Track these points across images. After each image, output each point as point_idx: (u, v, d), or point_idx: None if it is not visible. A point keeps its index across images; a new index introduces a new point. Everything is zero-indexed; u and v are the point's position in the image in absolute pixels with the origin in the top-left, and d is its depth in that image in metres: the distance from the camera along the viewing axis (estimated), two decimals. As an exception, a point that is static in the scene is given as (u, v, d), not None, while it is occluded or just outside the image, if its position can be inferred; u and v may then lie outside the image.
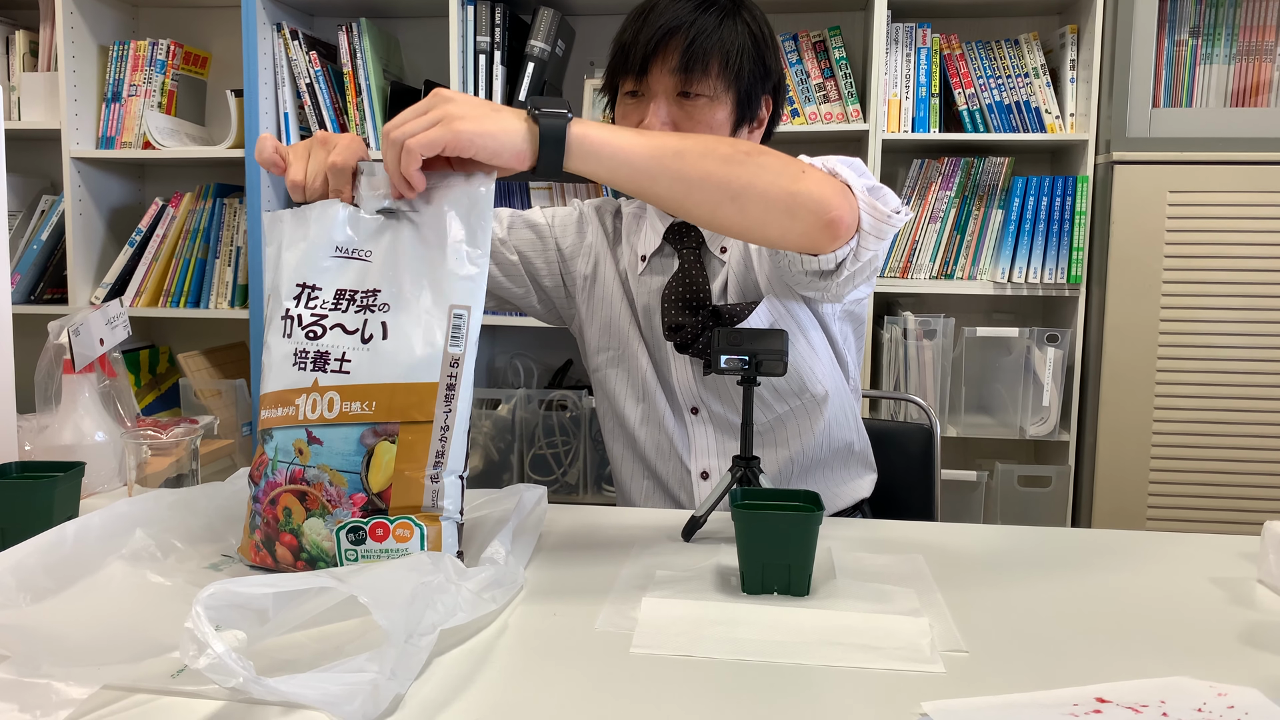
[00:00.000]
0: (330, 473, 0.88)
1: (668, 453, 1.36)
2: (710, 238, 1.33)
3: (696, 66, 1.20)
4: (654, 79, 1.23)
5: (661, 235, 1.34)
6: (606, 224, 1.43)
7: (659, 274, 1.35)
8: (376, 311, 0.90)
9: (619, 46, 1.26)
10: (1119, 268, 2.18)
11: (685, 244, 1.33)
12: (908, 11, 2.37)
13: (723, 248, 1.33)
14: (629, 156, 0.96)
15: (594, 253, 1.41)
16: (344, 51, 2.41)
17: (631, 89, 1.25)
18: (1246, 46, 2.26)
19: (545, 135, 0.91)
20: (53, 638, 0.74)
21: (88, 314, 1.31)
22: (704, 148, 1.00)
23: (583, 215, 1.44)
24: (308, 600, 0.74)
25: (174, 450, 1.17)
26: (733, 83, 1.23)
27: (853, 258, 1.10)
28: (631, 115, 1.26)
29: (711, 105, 1.23)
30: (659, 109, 1.22)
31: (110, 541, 0.91)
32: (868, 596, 0.91)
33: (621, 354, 1.38)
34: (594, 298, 1.41)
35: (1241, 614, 0.89)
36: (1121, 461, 2.21)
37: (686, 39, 1.20)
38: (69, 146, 2.50)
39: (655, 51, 1.21)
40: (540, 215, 1.44)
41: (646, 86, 1.23)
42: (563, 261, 1.43)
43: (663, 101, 1.23)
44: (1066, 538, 1.12)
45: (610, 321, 1.39)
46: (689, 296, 1.31)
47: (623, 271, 1.40)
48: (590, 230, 1.43)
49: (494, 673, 0.75)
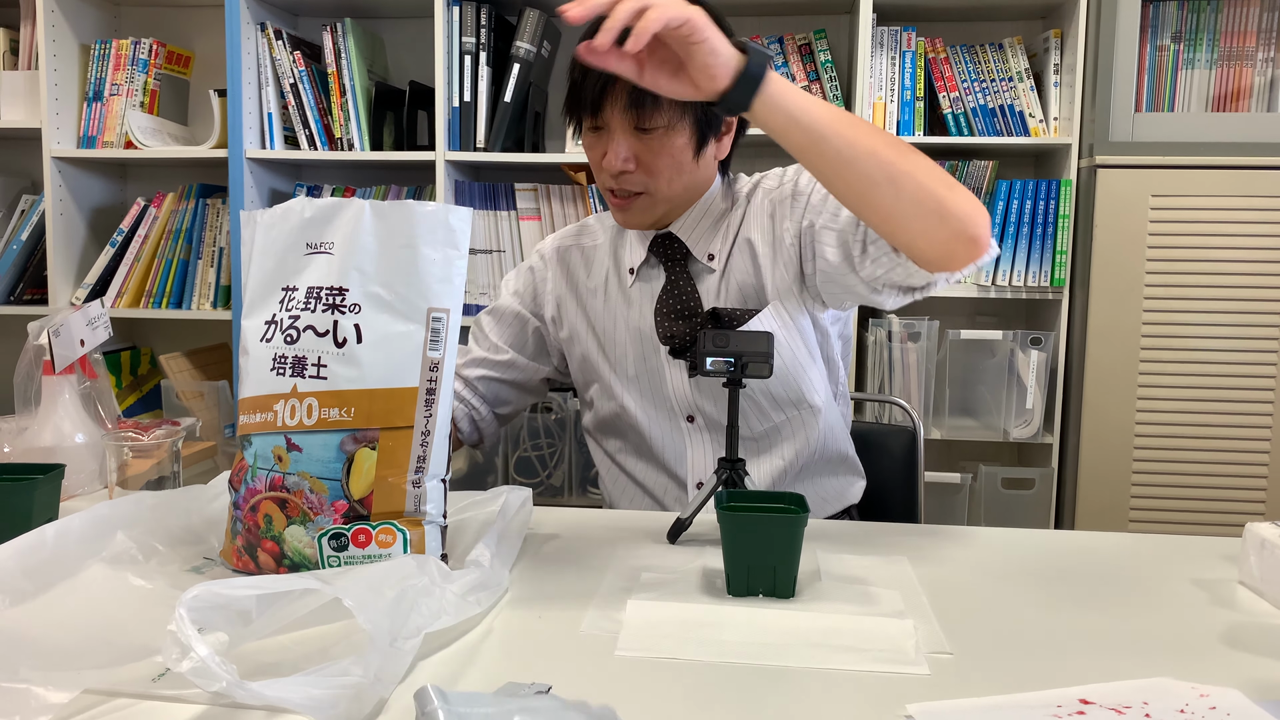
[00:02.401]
0: (310, 480, 0.87)
1: (659, 468, 1.36)
2: (695, 246, 1.32)
3: (646, 102, 1.20)
4: (608, 115, 1.23)
5: (646, 247, 1.34)
6: (569, 260, 1.43)
7: (647, 283, 1.35)
8: (347, 313, 0.89)
9: (570, 85, 1.26)
10: (1102, 271, 2.19)
11: (671, 256, 1.33)
12: (893, 15, 2.38)
13: (710, 255, 1.32)
14: (809, 116, 1.01)
15: (554, 295, 1.42)
16: (328, 51, 2.40)
17: (591, 124, 1.26)
18: (1228, 52, 2.28)
19: (750, 68, 0.97)
20: (32, 641, 0.74)
21: (68, 315, 1.29)
22: (875, 129, 1.06)
23: (542, 260, 1.44)
24: (292, 602, 0.73)
25: (155, 452, 1.16)
26: (688, 108, 1.22)
27: (946, 278, 1.12)
28: (595, 148, 1.26)
29: (669, 134, 1.23)
30: (619, 147, 1.23)
31: (91, 544, 0.90)
32: (852, 599, 0.91)
33: (602, 388, 1.38)
34: (562, 338, 1.42)
35: (1223, 615, 0.89)
36: (1104, 464, 2.22)
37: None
38: (50, 146, 2.48)
39: (604, 92, 1.21)
40: (505, 290, 1.45)
41: (604, 121, 1.24)
42: (538, 314, 1.43)
43: (620, 138, 1.23)
44: (1050, 540, 1.13)
45: (584, 359, 1.40)
46: (679, 307, 1.31)
47: (591, 306, 1.39)
48: (550, 275, 1.43)
49: (479, 676, 0.74)
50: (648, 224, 1.31)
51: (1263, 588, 0.94)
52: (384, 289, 0.89)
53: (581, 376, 1.42)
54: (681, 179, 1.27)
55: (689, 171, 1.27)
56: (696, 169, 1.28)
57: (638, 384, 1.35)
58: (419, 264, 0.89)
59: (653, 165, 1.24)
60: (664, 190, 1.26)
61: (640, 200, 1.27)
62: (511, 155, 2.37)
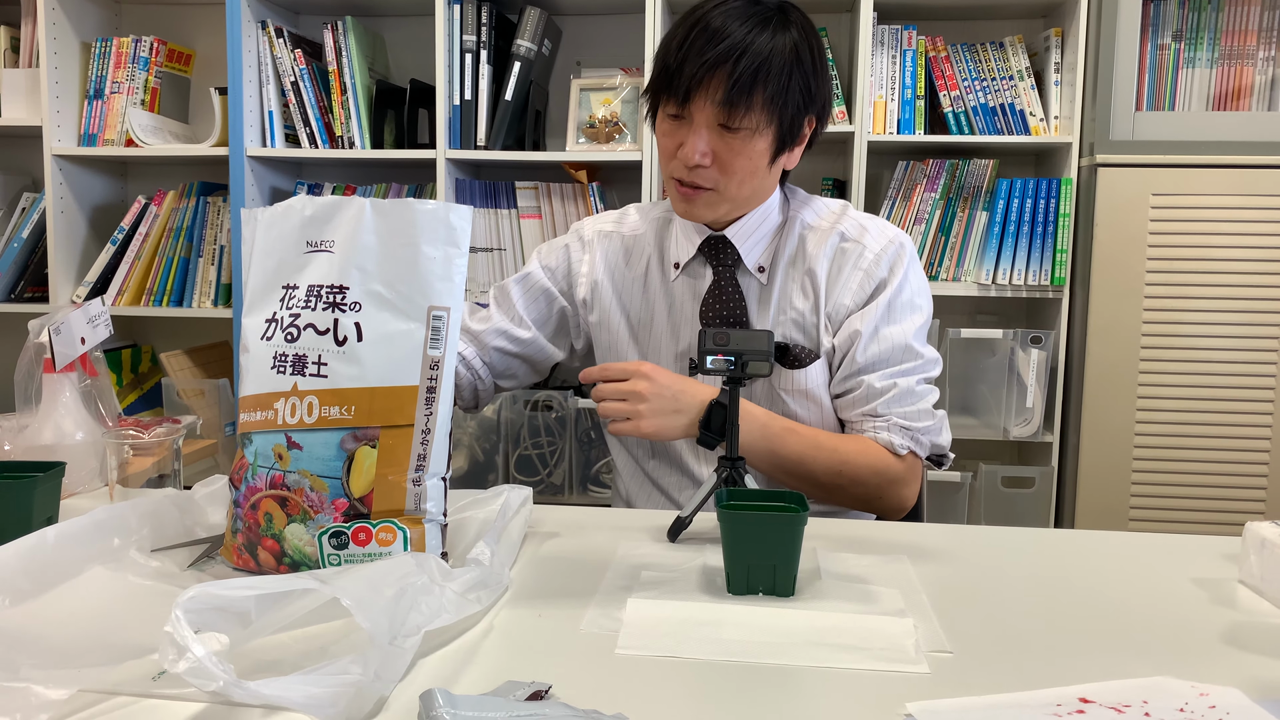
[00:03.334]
0: (311, 478, 0.87)
1: (681, 467, 1.36)
2: (748, 254, 1.32)
3: (740, 102, 1.18)
4: (695, 108, 1.21)
5: (696, 246, 1.33)
6: (611, 242, 1.41)
7: (692, 279, 1.34)
8: (347, 311, 0.89)
9: (663, 66, 1.22)
10: (1102, 270, 2.19)
11: (721, 260, 1.32)
12: (893, 14, 2.38)
13: (760, 267, 1.32)
14: (754, 460, 1.22)
15: (590, 278, 1.40)
16: (329, 50, 2.40)
17: (674, 112, 1.23)
18: (1228, 50, 2.28)
19: (701, 440, 1.13)
20: (32, 640, 0.74)
21: (69, 312, 1.29)
22: (810, 471, 1.23)
23: (581, 241, 1.42)
24: (290, 602, 0.73)
25: (156, 450, 1.16)
26: (776, 114, 1.21)
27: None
28: (672, 137, 1.24)
29: (752, 137, 1.21)
30: (698, 140, 1.21)
31: (92, 545, 0.90)
32: (852, 597, 0.91)
33: None
34: (591, 322, 1.40)
35: (1223, 614, 0.89)
36: (1104, 462, 2.22)
37: (733, 73, 1.17)
38: (50, 144, 2.48)
39: (699, 83, 1.19)
40: (535, 262, 1.43)
41: (688, 113, 1.21)
42: (568, 293, 1.42)
43: (704, 132, 1.21)
44: (1050, 538, 1.13)
45: (611, 347, 1.39)
46: (725, 314, 1.31)
47: (628, 289, 1.38)
48: (588, 259, 1.41)
49: (479, 674, 0.74)
50: (708, 219, 1.30)
51: (1263, 587, 0.94)
52: (384, 287, 0.89)
53: (606, 360, 1.40)
54: (753, 182, 1.26)
55: (761, 176, 1.26)
56: (767, 175, 1.27)
57: None
58: (419, 262, 0.89)
59: (730, 164, 1.23)
60: (734, 191, 1.25)
61: (707, 195, 1.25)
62: (512, 154, 2.37)
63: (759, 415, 1.22)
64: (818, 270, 1.30)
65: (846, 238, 1.31)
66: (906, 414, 1.27)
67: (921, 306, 1.31)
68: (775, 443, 1.21)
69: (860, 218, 1.34)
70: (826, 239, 1.31)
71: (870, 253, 1.30)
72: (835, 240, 1.31)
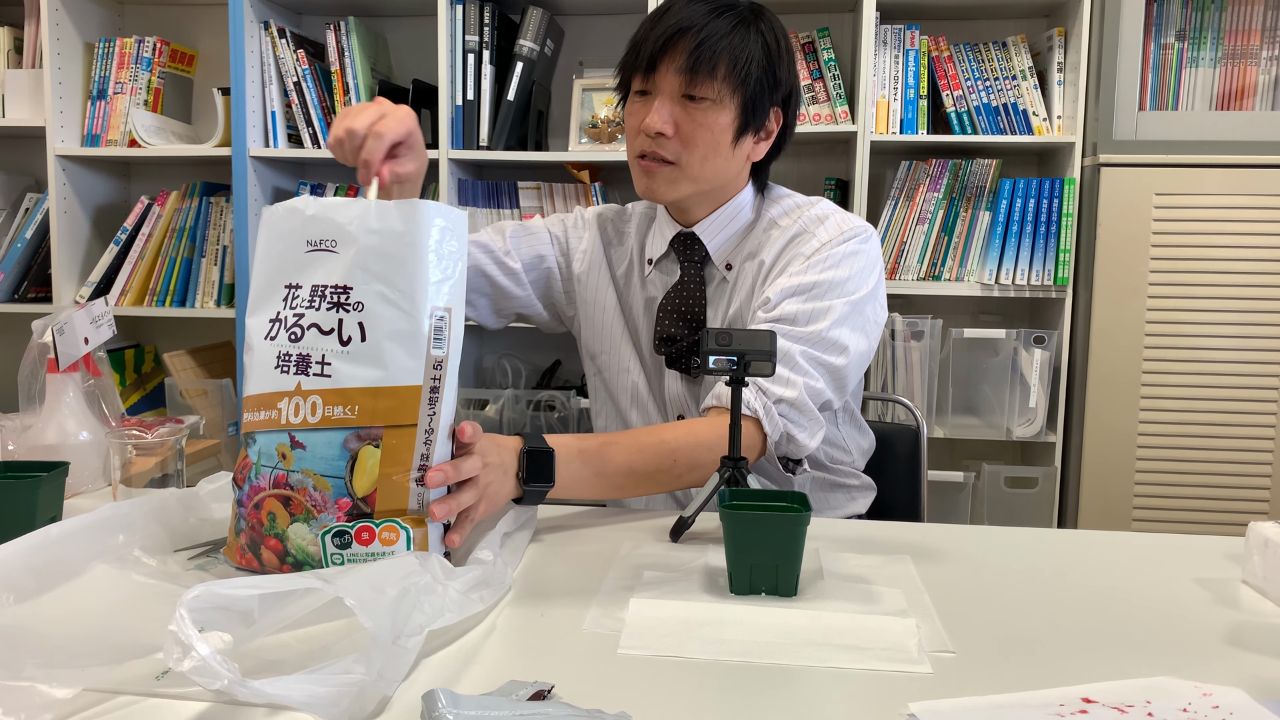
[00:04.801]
0: (314, 477, 0.87)
1: None
2: (716, 252, 1.32)
3: (702, 68, 1.20)
4: (661, 77, 1.22)
5: (669, 241, 1.34)
6: (607, 230, 1.43)
7: (663, 275, 1.36)
8: (351, 311, 0.89)
9: (631, 44, 1.26)
10: (1105, 269, 2.19)
11: (689, 257, 1.33)
12: (896, 13, 2.38)
13: (728, 264, 1.32)
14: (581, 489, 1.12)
15: (588, 256, 1.42)
16: (332, 50, 2.41)
17: (641, 88, 1.25)
18: (1232, 50, 2.28)
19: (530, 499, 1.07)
20: (36, 639, 0.74)
21: (72, 313, 1.30)
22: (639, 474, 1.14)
23: (582, 220, 1.45)
24: (293, 601, 0.73)
25: (159, 450, 1.17)
26: (739, 88, 1.22)
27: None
28: (637, 114, 1.25)
29: (715, 109, 1.22)
30: (661, 108, 1.22)
31: (95, 543, 0.90)
32: (855, 597, 0.91)
33: (617, 360, 1.39)
34: (586, 299, 1.41)
35: (1226, 614, 0.89)
36: (1107, 462, 2.22)
37: (695, 40, 1.20)
38: (54, 144, 2.48)
39: (664, 50, 1.21)
40: (540, 221, 1.45)
41: (654, 84, 1.23)
42: (564, 262, 1.43)
43: (666, 101, 1.23)
44: (1052, 538, 1.13)
45: (602, 327, 1.40)
46: (684, 309, 1.31)
47: (619, 278, 1.40)
48: (588, 236, 1.43)
49: (481, 674, 0.74)
50: (669, 198, 1.28)
51: (1266, 587, 0.94)
52: (387, 287, 0.89)
53: (595, 343, 1.42)
54: (715, 161, 1.25)
55: (723, 156, 1.25)
56: (731, 157, 1.26)
57: (644, 370, 1.38)
58: (422, 263, 0.89)
59: (692, 136, 1.23)
60: (695, 166, 1.25)
61: (668, 170, 1.25)
62: (514, 154, 2.37)
63: (570, 443, 1.10)
64: (765, 260, 1.30)
65: (803, 230, 1.29)
66: (774, 379, 1.18)
67: (853, 291, 1.24)
68: (596, 463, 1.11)
69: (824, 211, 1.31)
70: (783, 234, 1.30)
71: (818, 240, 1.27)
72: (792, 232, 1.30)
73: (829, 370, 1.22)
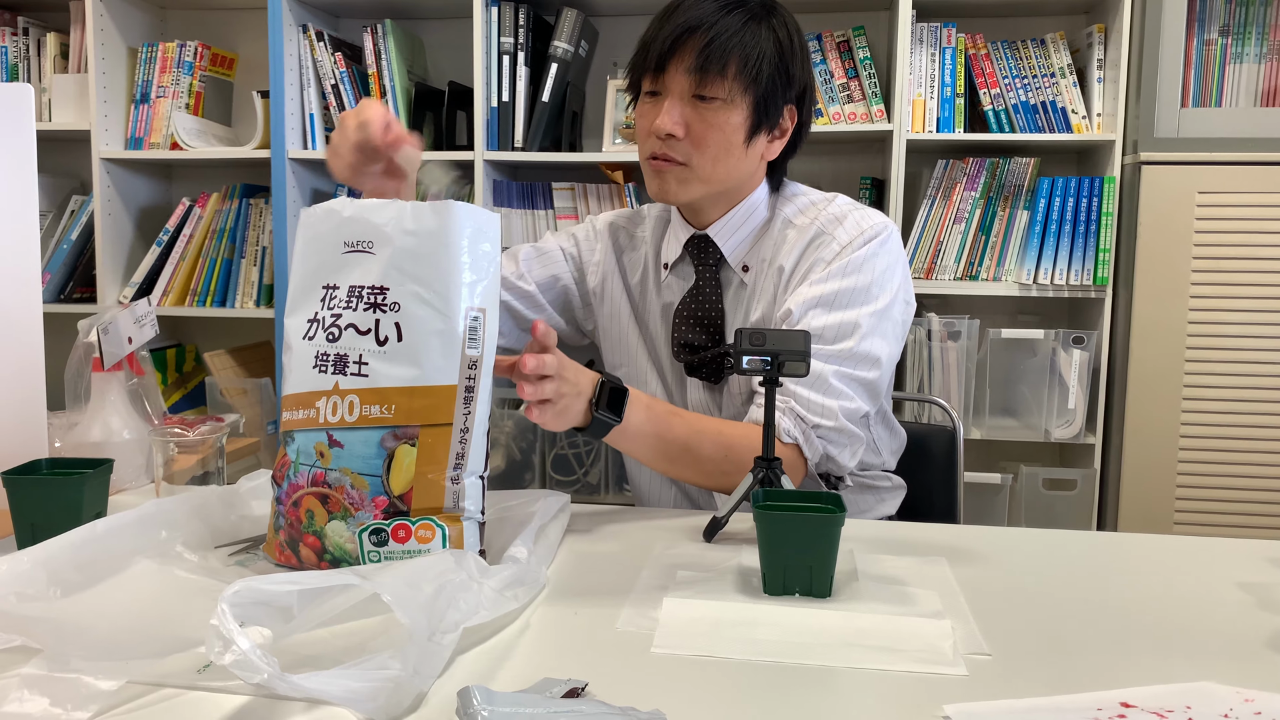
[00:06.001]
0: (351, 475, 0.88)
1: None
2: (731, 254, 1.31)
3: (712, 67, 1.19)
4: (670, 78, 1.21)
5: (683, 245, 1.33)
6: (619, 238, 1.42)
7: (679, 280, 1.35)
8: (388, 312, 0.90)
9: (640, 44, 1.25)
10: (1146, 269, 2.16)
11: (704, 260, 1.32)
12: (932, 11, 2.36)
13: (745, 266, 1.31)
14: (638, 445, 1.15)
15: (601, 269, 1.41)
16: (369, 53, 2.43)
17: (650, 88, 1.24)
18: (1277, 46, 2.23)
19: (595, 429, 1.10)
20: (82, 631, 0.75)
21: (116, 313, 1.32)
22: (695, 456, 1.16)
23: (594, 231, 1.44)
24: (331, 598, 0.74)
25: (200, 448, 1.18)
26: (750, 87, 1.21)
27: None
28: (647, 115, 1.24)
29: (726, 109, 1.21)
30: (672, 108, 1.21)
31: (139, 539, 0.92)
32: (889, 599, 0.90)
33: (634, 371, 1.39)
34: (602, 313, 1.41)
35: (1269, 619, 0.88)
36: (1148, 465, 2.19)
37: (705, 38, 1.18)
38: (98, 147, 2.53)
39: (673, 50, 1.20)
40: (552, 240, 1.44)
41: (664, 85, 1.22)
42: (579, 278, 1.43)
43: (676, 101, 1.21)
44: (1091, 541, 1.11)
45: (619, 340, 1.40)
46: (701, 315, 1.30)
47: (633, 287, 1.39)
48: (600, 248, 1.42)
49: (515, 671, 0.75)
50: (681, 200, 1.27)
51: (1311, 592, 0.92)
52: (423, 288, 0.90)
53: (614, 356, 1.42)
54: (727, 161, 1.24)
55: (735, 156, 1.24)
56: (743, 157, 1.25)
57: (664, 380, 1.36)
58: (456, 264, 0.90)
59: (703, 137, 1.22)
60: (706, 167, 1.23)
61: (679, 171, 1.24)
62: (549, 155, 2.39)
63: (641, 396, 1.14)
64: (785, 266, 1.28)
65: (821, 231, 1.27)
66: (807, 402, 1.18)
67: (877, 297, 1.22)
68: (660, 425, 1.14)
69: (841, 209, 1.29)
70: (801, 236, 1.28)
71: (837, 243, 1.25)
72: (810, 234, 1.27)
73: (863, 385, 1.21)
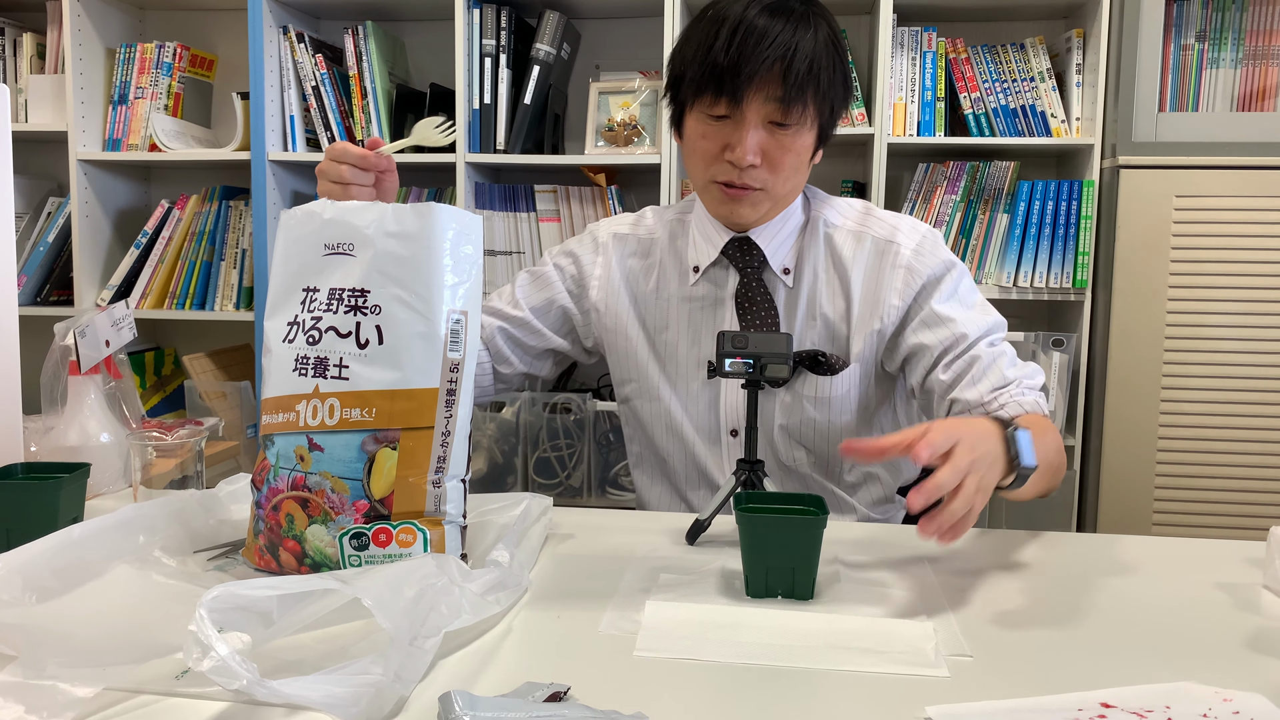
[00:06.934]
0: (332, 480, 0.87)
1: (697, 480, 1.35)
2: (773, 256, 1.30)
3: (797, 98, 1.17)
4: (749, 107, 1.18)
5: (719, 249, 1.30)
6: (626, 246, 1.38)
7: (714, 284, 1.32)
8: (369, 314, 0.89)
9: (709, 66, 1.17)
10: (1125, 272, 2.18)
11: (747, 263, 1.30)
12: (913, 15, 2.37)
13: (785, 268, 1.30)
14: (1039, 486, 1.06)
15: (604, 283, 1.37)
16: (350, 54, 2.42)
17: (721, 112, 1.20)
18: (1253, 51, 2.26)
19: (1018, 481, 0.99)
20: (58, 638, 0.74)
21: (93, 316, 1.31)
22: (1055, 465, 1.12)
23: (595, 243, 1.39)
24: (312, 602, 0.74)
25: (179, 452, 1.18)
26: (822, 108, 1.21)
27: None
28: (713, 139, 1.21)
29: (801, 133, 1.21)
30: (752, 139, 1.18)
31: (117, 544, 0.91)
32: (872, 601, 0.90)
33: (643, 387, 1.36)
34: (606, 328, 1.37)
35: (1247, 619, 0.89)
36: (1127, 466, 2.20)
37: (789, 69, 1.16)
38: (75, 148, 2.51)
39: (754, 79, 1.16)
40: (548, 260, 1.40)
41: (740, 112, 1.19)
42: (577, 294, 1.38)
43: (755, 130, 1.19)
44: (1071, 542, 1.12)
45: (627, 353, 1.36)
46: (760, 311, 1.29)
47: (644, 296, 1.36)
48: (602, 261, 1.38)
49: (498, 675, 0.75)
50: (751, 221, 1.27)
51: (1288, 592, 0.93)
52: (404, 291, 0.89)
53: (620, 371, 1.38)
54: (796, 179, 1.25)
55: (803, 173, 1.25)
56: (807, 171, 1.27)
57: (688, 389, 1.33)
58: (438, 266, 0.90)
59: (779, 161, 1.21)
60: (780, 189, 1.24)
61: (754, 195, 1.23)
62: (531, 157, 2.38)
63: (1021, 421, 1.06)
64: (852, 277, 1.28)
65: (879, 239, 1.29)
66: (1028, 375, 1.23)
67: (974, 286, 1.31)
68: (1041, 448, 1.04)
69: (886, 216, 1.33)
70: (860, 245, 1.29)
71: (906, 249, 1.28)
72: (869, 246, 1.29)
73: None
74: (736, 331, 1.03)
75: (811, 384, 1.28)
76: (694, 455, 1.34)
